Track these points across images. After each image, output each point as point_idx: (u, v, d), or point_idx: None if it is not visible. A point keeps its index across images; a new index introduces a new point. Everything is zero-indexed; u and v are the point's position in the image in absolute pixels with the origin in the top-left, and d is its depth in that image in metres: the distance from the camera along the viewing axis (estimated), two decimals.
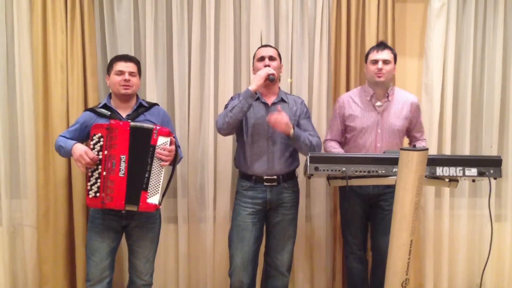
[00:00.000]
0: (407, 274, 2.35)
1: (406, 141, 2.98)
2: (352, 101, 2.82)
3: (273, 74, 2.53)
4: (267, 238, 2.76)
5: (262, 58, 2.64)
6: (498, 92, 3.27)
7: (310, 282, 3.30)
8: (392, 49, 2.77)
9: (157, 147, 2.35)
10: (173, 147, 2.39)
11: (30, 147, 3.02)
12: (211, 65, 3.10)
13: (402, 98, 2.79)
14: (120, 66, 2.46)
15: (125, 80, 2.44)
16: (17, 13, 2.98)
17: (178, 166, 3.12)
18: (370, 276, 2.99)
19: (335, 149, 2.80)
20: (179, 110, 3.13)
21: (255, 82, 2.49)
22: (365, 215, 2.84)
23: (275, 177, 2.63)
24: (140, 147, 2.33)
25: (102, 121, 2.38)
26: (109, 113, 2.45)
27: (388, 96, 2.77)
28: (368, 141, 2.74)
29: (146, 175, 2.34)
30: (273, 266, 2.72)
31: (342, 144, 2.88)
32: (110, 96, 2.54)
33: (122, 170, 2.29)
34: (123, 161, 2.29)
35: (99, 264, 2.42)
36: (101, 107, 2.48)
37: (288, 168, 2.67)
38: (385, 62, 2.70)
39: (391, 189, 2.72)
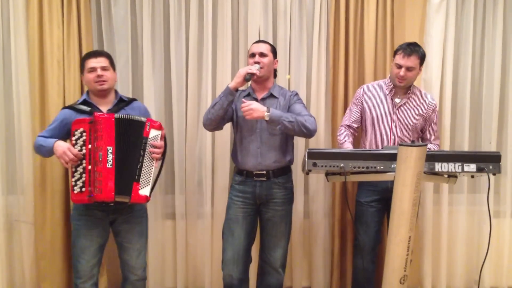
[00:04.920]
0: (405, 271, 2.34)
1: None
2: (372, 92, 2.85)
3: (250, 73, 2.50)
4: (261, 235, 2.76)
5: (253, 55, 2.64)
6: (497, 88, 3.26)
7: (308, 278, 3.30)
8: (419, 52, 2.70)
9: (149, 140, 2.37)
10: (162, 143, 2.44)
11: (27, 143, 3.00)
12: (209, 61, 3.09)
13: (421, 97, 2.84)
14: (91, 63, 2.43)
15: (98, 76, 2.42)
16: (13, 8, 2.95)
17: (176, 162, 3.14)
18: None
19: (343, 137, 2.78)
20: (177, 106, 3.11)
21: (234, 79, 2.51)
22: (383, 210, 2.80)
23: (264, 172, 2.62)
24: (131, 138, 2.34)
25: (83, 117, 2.35)
26: (89, 108, 2.42)
27: (408, 94, 2.80)
28: (384, 132, 2.77)
29: (138, 166, 2.34)
30: (267, 262, 2.72)
31: (357, 133, 2.89)
32: (88, 92, 2.52)
33: (110, 161, 2.27)
34: (110, 152, 2.27)
35: (89, 262, 2.41)
36: (81, 103, 2.45)
37: (279, 164, 2.65)
38: (409, 69, 2.69)
39: None
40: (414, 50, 2.69)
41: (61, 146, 2.29)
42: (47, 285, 3.03)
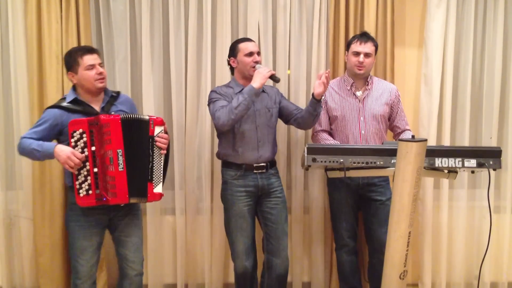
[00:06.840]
0: (405, 266, 2.34)
1: (390, 133, 2.99)
2: (333, 90, 2.85)
3: (273, 74, 2.58)
4: (265, 227, 2.76)
5: (251, 54, 2.66)
6: (498, 83, 3.24)
7: (308, 273, 3.30)
8: (374, 40, 2.80)
9: (155, 137, 2.36)
10: (167, 135, 2.43)
11: None
12: (208, 56, 3.07)
13: (381, 86, 2.85)
14: (89, 59, 2.34)
15: (100, 73, 2.37)
16: (11, 2, 2.93)
17: (175, 158, 3.12)
18: (367, 267, 2.99)
19: (328, 140, 2.80)
20: (176, 102, 3.10)
21: (258, 80, 2.52)
22: (356, 205, 2.84)
23: (263, 164, 2.69)
24: (139, 138, 2.33)
25: (76, 117, 2.29)
26: (81, 107, 2.34)
27: (368, 85, 2.81)
28: (352, 129, 2.76)
29: (150, 166, 2.35)
30: (276, 252, 2.72)
31: (330, 134, 2.89)
32: (74, 89, 2.41)
33: (121, 164, 2.26)
34: (120, 155, 2.26)
35: (88, 262, 2.40)
36: (70, 102, 2.35)
37: (273, 155, 2.78)
38: (367, 55, 2.73)
39: (379, 178, 2.76)
40: (370, 37, 2.78)
41: (63, 151, 2.20)
42: (46, 281, 3.03)
